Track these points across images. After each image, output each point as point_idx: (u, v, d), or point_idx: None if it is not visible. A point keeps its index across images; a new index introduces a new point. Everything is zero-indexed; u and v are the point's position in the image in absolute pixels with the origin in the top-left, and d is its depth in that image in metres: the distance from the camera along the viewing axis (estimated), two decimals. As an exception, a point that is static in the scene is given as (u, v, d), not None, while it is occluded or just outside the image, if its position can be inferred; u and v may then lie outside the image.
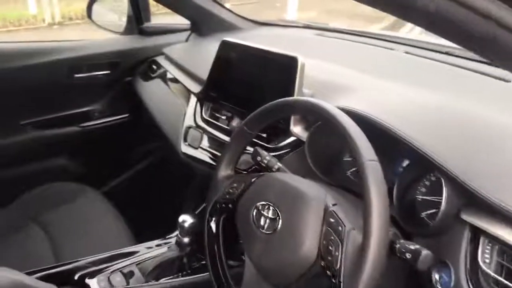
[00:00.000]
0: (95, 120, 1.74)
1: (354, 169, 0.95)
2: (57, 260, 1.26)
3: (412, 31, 2.90)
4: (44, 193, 1.52)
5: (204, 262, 1.13)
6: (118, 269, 1.10)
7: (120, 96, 1.76)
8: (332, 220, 0.66)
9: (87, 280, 1.05)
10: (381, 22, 5.26)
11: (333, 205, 0.69)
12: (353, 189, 0.85)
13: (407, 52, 1.26)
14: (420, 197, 0.82)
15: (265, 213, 0.73)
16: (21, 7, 7.24)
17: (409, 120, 0.82)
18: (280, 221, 0.71)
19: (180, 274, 1.12)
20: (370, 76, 1.09)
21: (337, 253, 0.63)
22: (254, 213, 0.75)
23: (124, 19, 1.79)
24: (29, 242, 1.34)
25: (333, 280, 0.63)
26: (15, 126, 1.62)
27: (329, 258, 0.64)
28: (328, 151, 0.94)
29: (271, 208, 0.73)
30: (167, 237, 1.19)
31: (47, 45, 1.67)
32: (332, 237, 0.65)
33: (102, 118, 1.74)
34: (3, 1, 7.07)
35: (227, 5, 1.86)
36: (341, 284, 0.61)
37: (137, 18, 1.73)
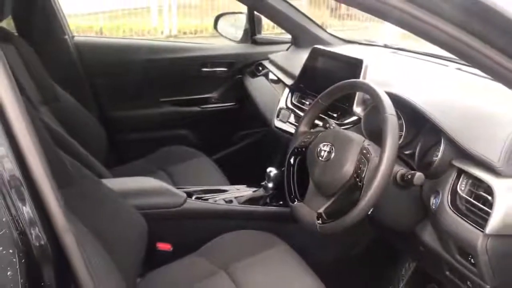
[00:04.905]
0: (211, 104, 2.30)
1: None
2: None
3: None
4: (169, 151, 2.08)
5: (281, 202, 1.58)
6: (222, 198, 1.58)
7: (231, 88, 2.31)
8: (364, 151, 1.08)
9: (200, 201, 1.54)
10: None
11: (368, 144, 1.10)
12: None
13: (458, 69, 1.61)
14: (435, 157, 1.19)
15: (324, 148, 1.16)
16: (145, 20, 8.38)
17: (436, 106, 1.19)
18: (333, 153, 1.14)
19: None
20: (423, 81, 1.47)
21: (364, 168, 1.05)
22: (318, 150, 1.18)
23: (240, 32, 2.34)
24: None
25: (359, 183, 1.04)
26: (156, 102, 2.23)
27: (359, 171, 1.06)
28: (375, 125, 1.34)
29: (328, 145, 1.16)
30: (257, 183, 1.65)
31: (184, 45, 2.28)
32: (363, 160, 1.06)
33: (216, 104, 2.31)
34: (131, 14, 8.20)
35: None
36: (363, 185, 1.03)
37: (251, 31, 2.27)
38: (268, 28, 3.67)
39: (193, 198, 1.52)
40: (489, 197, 0.96)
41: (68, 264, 0.59)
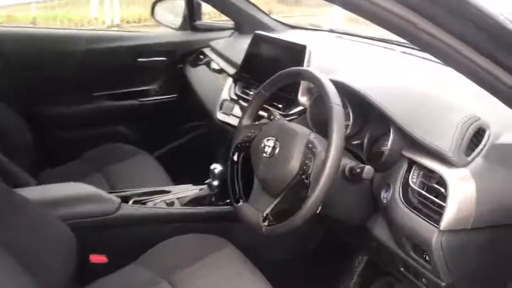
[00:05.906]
0: (150, 97, 2.14)
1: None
2: None
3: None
4: (105, 150, 1.91)
5: (228, 200, 1.47)
6: (163, 200, 1.45)
7: (172, 79, 2.16)
8: (310, 145, 0.99)
9: (139, 205, 1.41)
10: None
11: (314, 138, 1.01)
12: None
13: (403, 52, 1.56)
14: (384, 148, 1.12)
15: (268, 144, 1.06)
16: (84, 10, 7.93)
17: (383, 93, 1.12)
18: (277, 148, 1.04)
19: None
20: (369, 66, 1.41)
21: (310, 164, 0.96)
22: (262, 145, 1.08)
23: (179, 19, 2.19)
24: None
25: (305, 181, 0.95)
26: (88, 96, 2.04)
27: (305, 167, 0.97)
28: (322, 115, 1.26)
29: (272, 140, 1.06)
30: (202, 181, 1.53)
31: (116, 34, 2.11)
32: (309, 155, 0.97)
33: (157, 96, 2.15)
34: (68, 3, 7.75)
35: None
36: (310, 182, 0.94)
37: (191, 17, 2.13)
38: (216, 16, 3.49)
39: (130, 202, 1.39)
40: (442, 189, 0.91)
41: None
